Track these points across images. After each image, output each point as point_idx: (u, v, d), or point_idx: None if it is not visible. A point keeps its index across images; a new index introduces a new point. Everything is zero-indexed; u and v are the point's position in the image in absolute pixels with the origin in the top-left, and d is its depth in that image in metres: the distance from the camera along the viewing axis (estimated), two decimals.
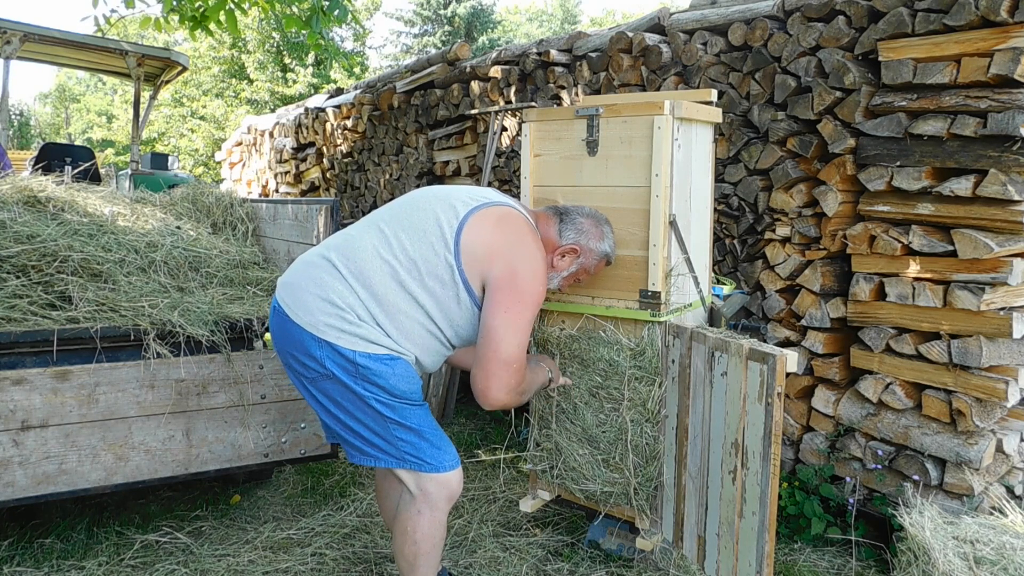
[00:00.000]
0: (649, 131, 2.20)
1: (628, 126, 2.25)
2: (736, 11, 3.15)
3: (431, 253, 1.92)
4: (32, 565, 2.52)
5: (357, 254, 1.95)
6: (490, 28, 25.07)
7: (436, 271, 1.92)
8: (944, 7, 2.46)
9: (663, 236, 2.21)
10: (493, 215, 1.99)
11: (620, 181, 2.28)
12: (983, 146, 2.42)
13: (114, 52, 6.20)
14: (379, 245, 1.95)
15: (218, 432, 2.62)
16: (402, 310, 1.92)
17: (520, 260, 1.93)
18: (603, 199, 2.31)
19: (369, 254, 1.94)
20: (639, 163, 2.23)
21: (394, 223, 1.99)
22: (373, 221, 2.04)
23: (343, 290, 1.91)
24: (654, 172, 2.20)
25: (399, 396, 1.94)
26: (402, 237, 1.95)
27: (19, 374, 2.29)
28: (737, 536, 2.09)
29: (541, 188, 2.47)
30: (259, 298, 2.97)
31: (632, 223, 2.27)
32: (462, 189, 2.09)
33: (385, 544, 2.71)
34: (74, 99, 31.81)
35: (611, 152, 2.29)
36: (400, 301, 1.92)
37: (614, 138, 2.28)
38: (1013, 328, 2.41)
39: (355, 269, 1.93)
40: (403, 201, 2.09)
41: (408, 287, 1.92)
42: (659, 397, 2.30)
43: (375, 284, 1.91)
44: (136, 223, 3.22)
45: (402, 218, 2.00)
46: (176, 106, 18.23)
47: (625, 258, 2.29)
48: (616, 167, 2.29)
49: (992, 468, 2.56)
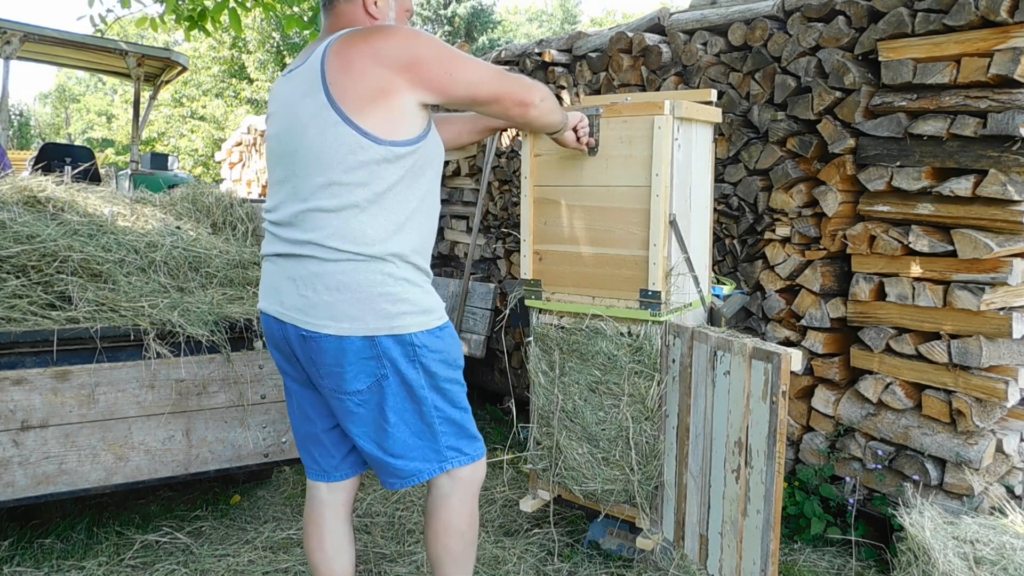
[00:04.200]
0: (649, 131, 2.20)
1: (628, 126, 2.25)
2: (736, 11, 3.15)
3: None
4: (32, 565, 2.52)
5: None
6: (490, 28, 25.06)
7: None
8: (944, 7, 2.46)
9: (663, 236, 2.21)
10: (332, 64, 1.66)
11: (620, 181, 2.28)
12: (983, 146, 2.42)
13: (114, 52, 6.20)
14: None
15: (218, 432, 2.62)
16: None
17: (375, 53, 1.64)
18: (603, 199, 2.32)
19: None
20: (639, 163, 2.24)
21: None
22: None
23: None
24: (654, 172, 2.21)
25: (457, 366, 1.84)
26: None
27: (19, 374, 2.29)
28: (741, 535, 2.09)
29: (541, 188, 2.47)
30: None
31: (632, 223, 2.27)
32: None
33: (385, 544, 2.71)
34: (74, 99, 31.80)
35: (611, 152, 2.29)
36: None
37: (614, 138, 2.28)
38: (1013, 328, 2.41)
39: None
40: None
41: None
42: (658, 394, 2.30)
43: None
44: (136, 223, 3.22)
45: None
46: (176, 106, 18.23)
47: (625, 258, 2.29)
48: (616, 167, 2.29)
49: (992, 468, 2.56)
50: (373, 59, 1.63)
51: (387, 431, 1.78)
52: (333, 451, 1.94)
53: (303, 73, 1.72)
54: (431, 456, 1.82)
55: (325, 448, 1.94)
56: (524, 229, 2.53)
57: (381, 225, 1.69)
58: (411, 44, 1.66)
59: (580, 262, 2.40)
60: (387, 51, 1.64)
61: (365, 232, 1.68)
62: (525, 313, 2.63)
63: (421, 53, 1.66)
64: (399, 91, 1.64)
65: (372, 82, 1.63)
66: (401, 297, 1.72)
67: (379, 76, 1.62)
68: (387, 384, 1.74)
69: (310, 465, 1.97)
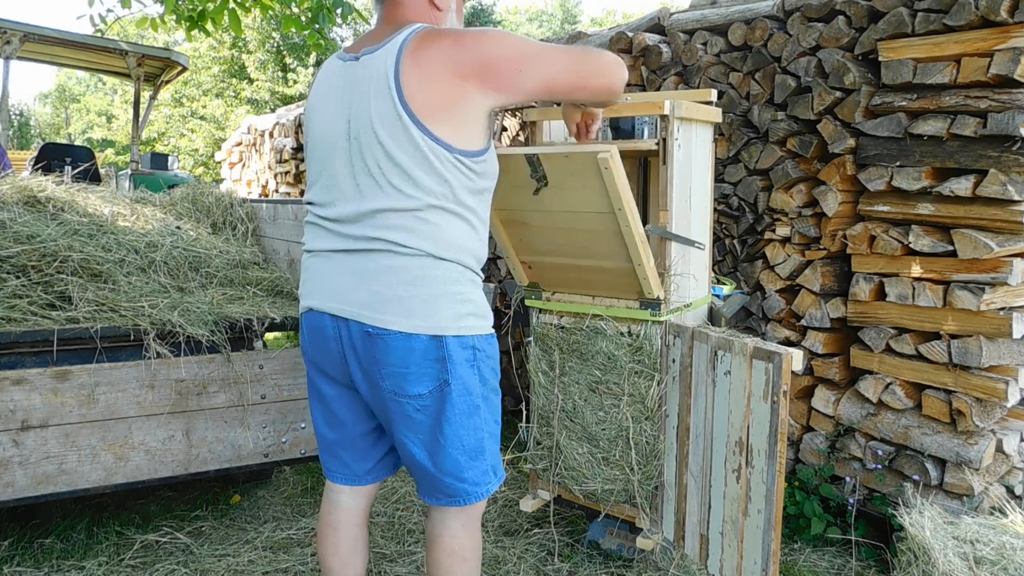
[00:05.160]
0: (594, 165, 1.94)
1: (571, 162, 2.00)
2: (736, 11, 3.15)
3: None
4: (32, 565, 2.52)
5: None
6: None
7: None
8: (944, 7, 2.46)
9: (644, 255, 2.11)
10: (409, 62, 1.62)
11: (583, 208, 2.09)
12: (983, 146, 2.42)
13: (114, 52, 6.21)
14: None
15: (218, 432, 2.62)
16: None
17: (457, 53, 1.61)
18: (572, 222, 2.17)
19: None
20: (596, 193, 2.03)
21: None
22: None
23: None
24: (615, 207, 2.01)
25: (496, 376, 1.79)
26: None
27: (19, 374, 2.29)
28: (742, 534, 2.09)
29: (504, 211, 2.35)
30: (259, 298, 2.97)
31: (609, 242, 2.14)
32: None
33: (385, 544, 2.71)
34: (74, 99, 31.80)
35: (564, 183, 2.06)
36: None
37: (562, 172, 2.04)
38: (1013, 328, 2.41)
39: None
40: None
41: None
42: (658, 394, 2.30)
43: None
44: (136, 223, 3.22)
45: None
46: (176, 106, 18.23)
47: (614, 268, 2.23)
48: (574, 197, 2.08)
49: (992, 468, 2.56)
50: (446, 66, 1.60)
51: (442, 444, 1.72)
52: (369, 455, 1.88)
53: (370, 66, 1.66)
54: (479, 478, 1.77)
55: (360, 452, 1.88)
56: (501, 247, 2.42)
57: (453, 228, 1.67)
58: (480, 47, 1.62)
59: (572, 269, 2.35)
60: (459, 58, 1.61)
61: (439, 234, 1.66)
62: (525, 313, 2.63)
63: (490, 54, 1.62)
64: (471, 98, 1.62)
65: (445, 89, 1.61)
66: (468, 297, 1.70)
67: (452, 84, 1.60)
68: (448, 390, 1.69)
69: (337, 469, 1.89)
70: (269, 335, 3.57)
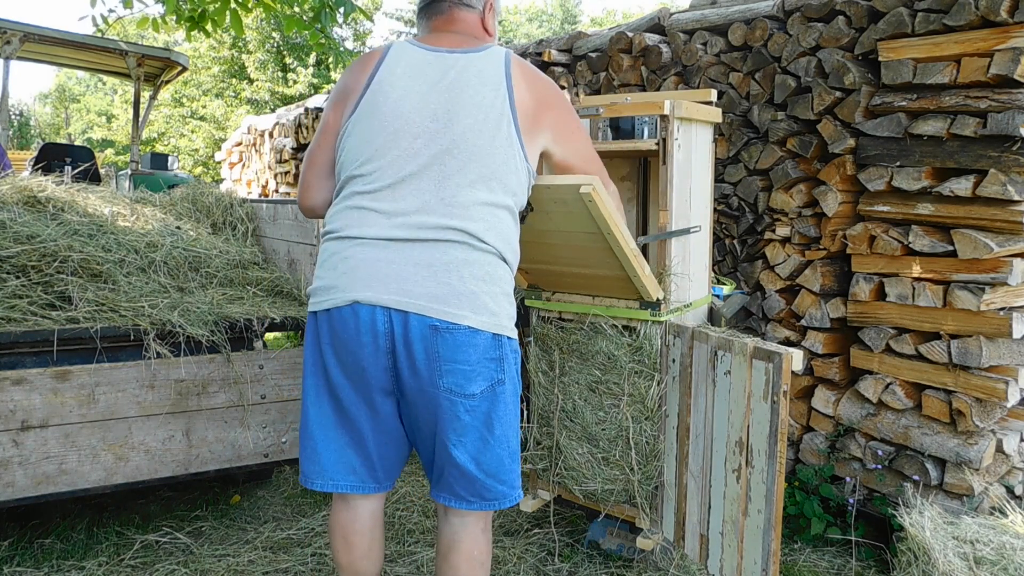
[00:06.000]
0: (576, 194, 1.87)
1: (553, 191, 1.93)
2: (736, 11, 3.15)
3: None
4: (32, 565, 2.52)
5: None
6: None
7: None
8: (944, 7, 2.46)
9: (640, 267, 2.09)
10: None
11: (572, 227, 2.06)
12: (983, 146, 2.42)
13: (114, 52, 6.21)
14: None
15: (218, 432, 2.62)
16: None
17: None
18: (563, 239, 2.13)
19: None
20: (583, 217, 1.95)
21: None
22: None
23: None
24: (603, 232, 1.97)
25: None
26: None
27: (19, 374, 2.29)
28: (742, 534, 2.09)
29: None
30: (259, 298, 2.97)
31: (603, 256, 2.12)
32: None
33: (385, 544, 2.70)
34: (74, 99, 31.80)
35: (550, 209, 2.01)
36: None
37: (547, 200, 1.97)
38: (1013, 328, 2.41)
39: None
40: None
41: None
42: (658, 394, 2.30)
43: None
44: (136, 223, 3.22)
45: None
46: (176, 106, 18.22)
47: (611, 276, 2.21)
48: (561, 218, 2.03)
49: (992, 468, 2.56)
50: (543, 90, 1.78)
51: (491, 444, 1.68)
52: (393, 458, 1.84)
53: (475, 63, 1.73)
54: (516, 480, 1.75)
55: (382, 457, 1.81)
56: None
57: (513, 234, 1.76)
58: (559, 94, 1.86)
59: (569, 275, 2.33)
60: (551, 89, 1.82)
61: (508, 236, 1.72)
62: (525, 313, 2.63)
63: (563, 105, 1.84)
64: (544, 126, 1.77)
65: (537, 110, 1.75)
66: (514, 302, 1.76)
67: (541, 113, 1.76)
68: (502, 390, 1.68)
69: (346, 476, 1.80)
70: (269, 335, 3.57)
